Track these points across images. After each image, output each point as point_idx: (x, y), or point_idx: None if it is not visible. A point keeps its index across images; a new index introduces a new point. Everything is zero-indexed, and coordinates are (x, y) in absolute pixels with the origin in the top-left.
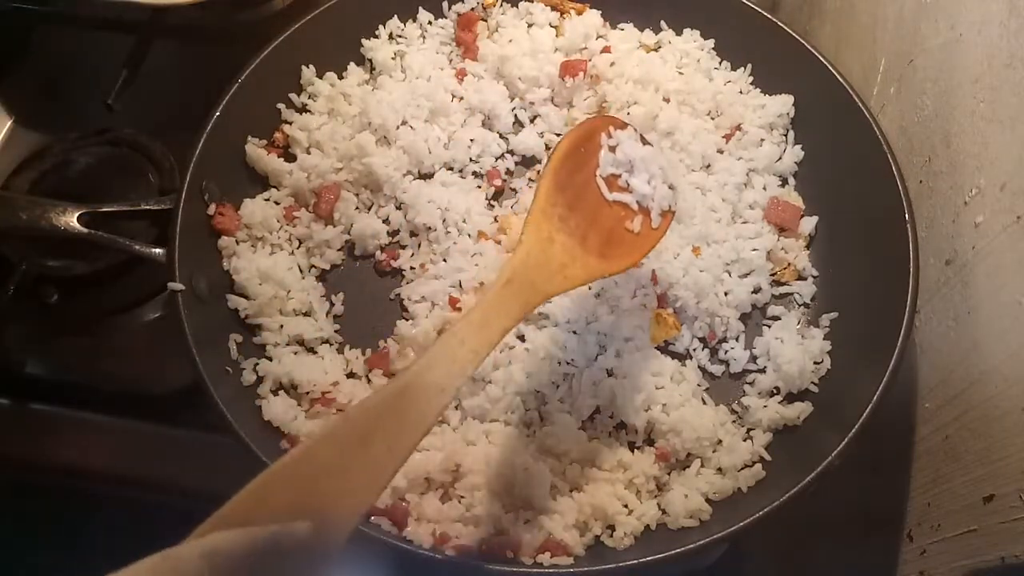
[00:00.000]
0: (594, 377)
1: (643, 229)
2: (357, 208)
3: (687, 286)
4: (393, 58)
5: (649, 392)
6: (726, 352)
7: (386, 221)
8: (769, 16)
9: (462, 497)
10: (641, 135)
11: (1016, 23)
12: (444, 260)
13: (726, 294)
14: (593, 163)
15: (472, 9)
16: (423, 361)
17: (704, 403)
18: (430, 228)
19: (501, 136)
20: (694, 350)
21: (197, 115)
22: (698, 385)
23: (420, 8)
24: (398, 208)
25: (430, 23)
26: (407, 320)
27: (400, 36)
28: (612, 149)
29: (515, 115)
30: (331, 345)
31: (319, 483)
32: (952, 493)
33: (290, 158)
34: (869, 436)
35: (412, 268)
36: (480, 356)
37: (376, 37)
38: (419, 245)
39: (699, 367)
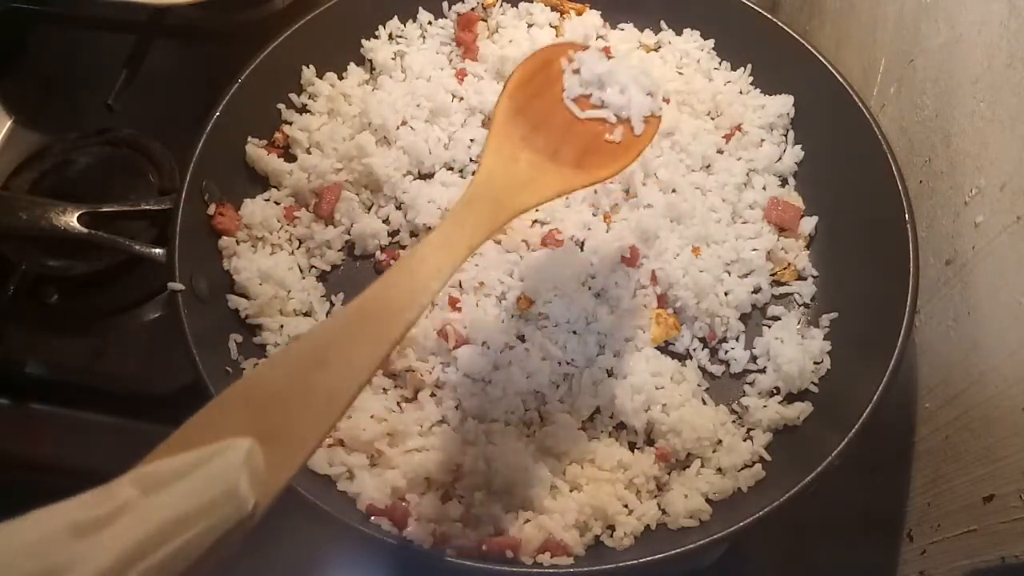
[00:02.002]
0: (594, 377)
1: (625, 138)
2: (359, 208)
3: (687, 286)
4: (393, 58)
5: (649, 392)
6: (726, 352)
7: (386, 221)
8: (769, 16)
9: (462, 497)
10: (606, 50)
11: (1016, 23)
12: None
13: (726, 294)
14: (556, 88)
15: (472, 9)
16: (381, 280)
17: (704, 403)
18: (430, 228)
19: None
20: (694, 350)
21: (197, 115)
22: (698, 385)
23: (420, 8)
24: (398, 208)
25: (430, 23)
26: None
27: (400, 36)
28: (576, 72)
29: None
30: None
31: (271, 408)
32: (952, 493)
33: (290, 158)
34: (869, 436)
35: None
36: (444, 273)
37: (376, 37)
38: None
39: (699, 367)
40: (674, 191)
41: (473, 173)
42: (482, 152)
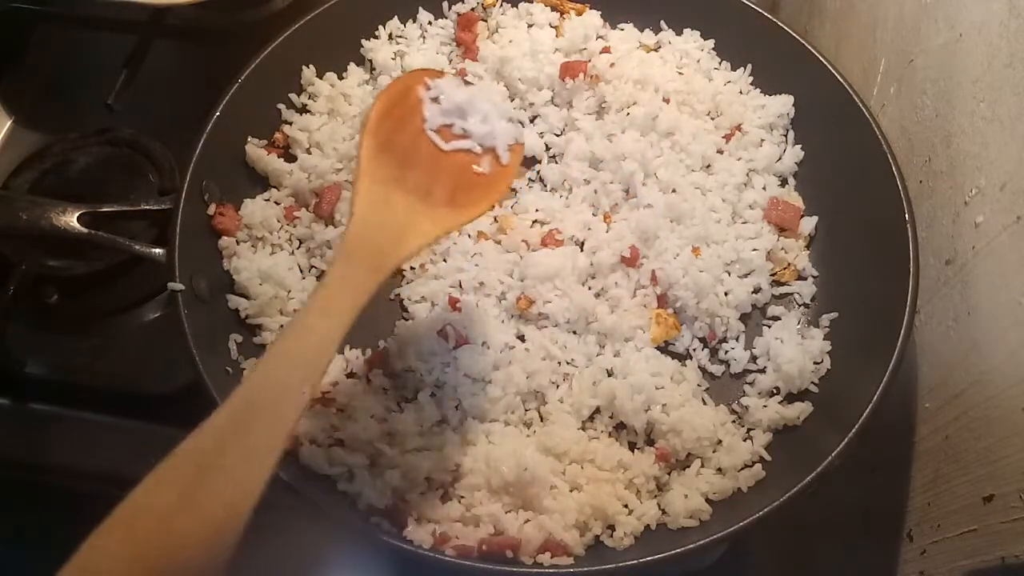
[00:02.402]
0: (594, 377)
1: (493, 169)
2: None
3: (687, 286)
4: (393, 58)
5: (649, 392)
6: (726, 352)
7: None
8: (769, 16)
9: (462, 497)
10: (463, 78)
11: (1016, 23)
12: (444, 260)
13: (726, 294)
14: (417, 119)
15: (472, 9)
16: (264, 361)
17: (704, 403)
18: None
19: None
20: (694, 350)
21: (197, 115)
22: (698, 385)
23: (420, 8)
24: None
25: (430, 23)
26: (407, 320)
27: (400, 36)
28: (436, 100)
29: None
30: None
31: (158, 537)
32: (952, 493)
33: (290, 158)
34: (869, 436)
35: (412, 268)
36: (332, 343)
37: (376, 37)
38: None
39: (699, 367)
40: (674, 191)
41: None
42: (352, 198)
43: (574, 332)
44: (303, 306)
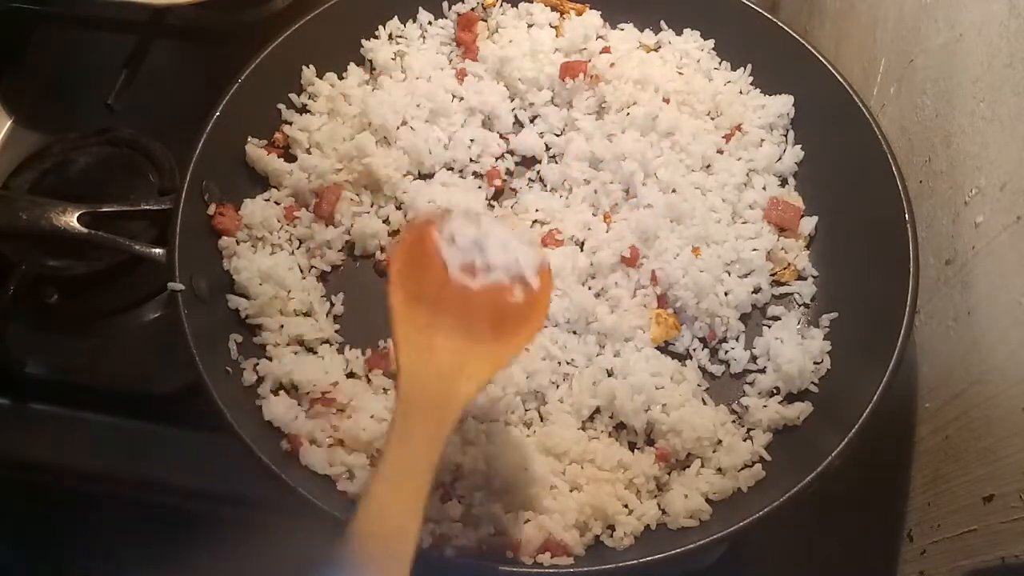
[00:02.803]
0: (594, 377)
1: (527, 296)
2: (357, 210)
3: (687, 286)
4: (393, 58)
5: (649, 392)
6: (726, 352)
7: (386, 221)
8: (769, 16)
9: (462, 497)
10: (466, 211)
11: (1016, 23)
12: None
13: (726, 294)
14: (438, 264)
15: (472, 9)
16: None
17: (704, 403)
18: None
19: (501, 136)
20: (694, 350)
21: (197, 115)
22: (698, 385)
23: (420, 8)
24: (398, 208)
25: (430, 23)
26: None
27: (400, 36)
28: (452, 241)
29: (515, 115)
30: (331, 345)
31: None
32: (952, 493)
33: (290, 158)
34: (869, 436)
35: None
36: (416, 514)
37: (376, 37)
38: None
39: (699, 367)
40: (674, 191)
41: (474, 174)
42: (394, 352)
43: (574, 332)
44: (374, 475)
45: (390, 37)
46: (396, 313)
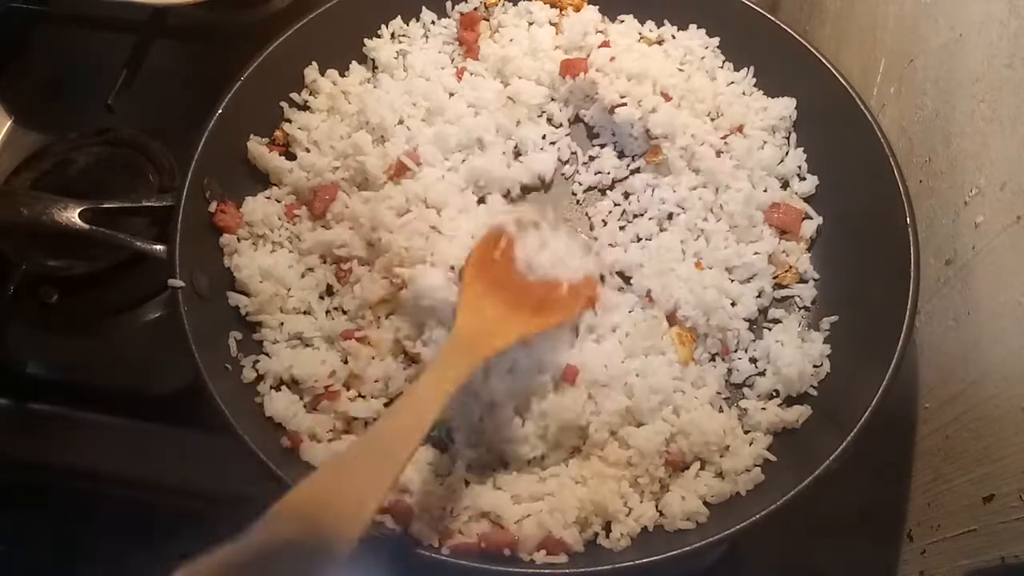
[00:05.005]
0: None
1: (571, 290)
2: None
3: (695, 305)
4: (396, 57)
5: (667, 394)
6: (732, 361)
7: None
8: (770, 16)
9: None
10: (540, 217)
11: (1016, 23)
12: None
13: (733, 304)
14: (508, 257)
15: (475, 9)
16: (390, 412)
17: (720, 411)
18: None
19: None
20: (714, 366)
21: (197, 115)
22: (717, 393)
23: (423, 8)
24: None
25: (433, 23)
26: None
27: (403, 35)
28: (524, 241)
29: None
30: (331, 344)
31: (314, 517)
32: (952, 493)
33: (291, 156)
34: (869, 436)
35: None
36: (437, 407)
37: (379, 36)
38: None
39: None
40: (674, 191)
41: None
42: (457, 310)
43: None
44: (418, 379)
45: (392, 36)
46: (466, 282)
